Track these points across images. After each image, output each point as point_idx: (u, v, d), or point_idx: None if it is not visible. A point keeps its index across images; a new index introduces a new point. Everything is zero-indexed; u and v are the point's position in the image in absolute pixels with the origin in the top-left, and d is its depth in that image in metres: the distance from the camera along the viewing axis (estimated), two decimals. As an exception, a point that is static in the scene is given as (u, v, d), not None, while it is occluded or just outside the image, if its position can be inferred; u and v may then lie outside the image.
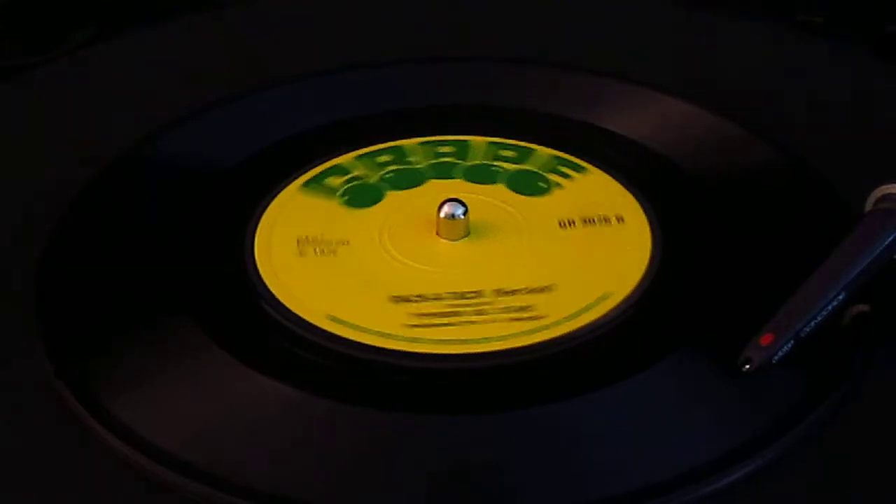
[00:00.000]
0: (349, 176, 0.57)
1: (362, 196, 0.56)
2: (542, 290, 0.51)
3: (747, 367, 0.47)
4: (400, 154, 0.58)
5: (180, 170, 0.58)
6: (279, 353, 0.49)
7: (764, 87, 0.63)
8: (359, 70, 0.63)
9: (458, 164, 0.58)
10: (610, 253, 0.53)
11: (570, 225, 0.54)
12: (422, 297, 0.51)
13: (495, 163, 0.58)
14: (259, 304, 0.51)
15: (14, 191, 0.57)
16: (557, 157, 0.58)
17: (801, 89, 0.63)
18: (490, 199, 0.55)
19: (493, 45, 0.66)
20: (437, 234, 0.53)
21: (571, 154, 0.58)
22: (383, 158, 0.58)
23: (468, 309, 0.50)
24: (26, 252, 0.53)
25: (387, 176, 0.57)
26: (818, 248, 0.50)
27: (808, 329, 0.48)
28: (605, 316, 0.50)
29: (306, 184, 0.57)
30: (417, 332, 0.49)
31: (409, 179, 0.57)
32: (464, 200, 0.53)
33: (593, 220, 0.54)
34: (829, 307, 0.48)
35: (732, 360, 0.47)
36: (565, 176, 0.57)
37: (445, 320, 0.50)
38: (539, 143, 0.59)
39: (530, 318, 0.50)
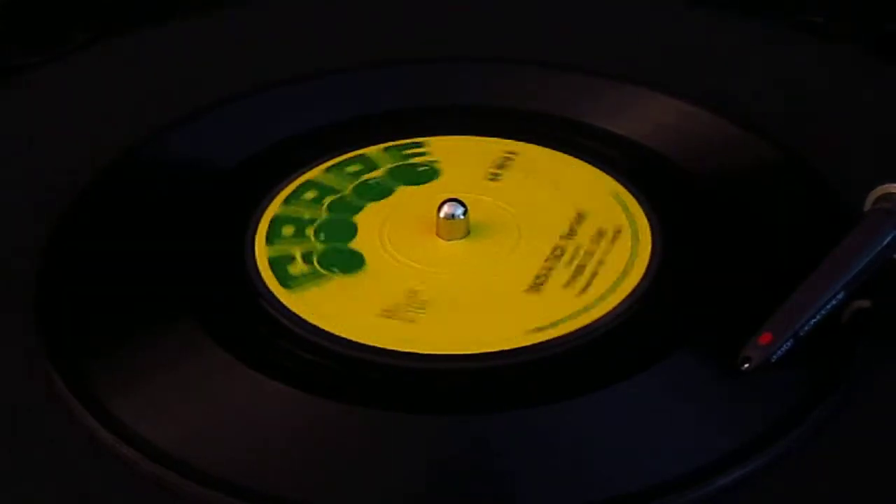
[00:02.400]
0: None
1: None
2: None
3: (746, 366, 0.47)
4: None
5: (180, 170, 0.58)
6: (279, 353, 0.49)
7: (764, 88, 0.63)
8: (359, 70, 0.63)
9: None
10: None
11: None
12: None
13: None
14: (259, 304, 0.51)
15: (14, 191, 0.57)
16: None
17: (802, 89, 0.63)
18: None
19: (492, 45, 0.66)
20: (437, 234, 0.53)
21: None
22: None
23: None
24: (26, 252, 0.53)
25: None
26: (817, 247, 0.50)
27: (807, 328, 0.48)
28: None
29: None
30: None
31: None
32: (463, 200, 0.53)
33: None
34: (828, 306, 0.48)
35: (732, 360, 0.47)
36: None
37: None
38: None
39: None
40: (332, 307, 0.50)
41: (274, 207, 0.56)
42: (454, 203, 0.53)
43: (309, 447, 0.46)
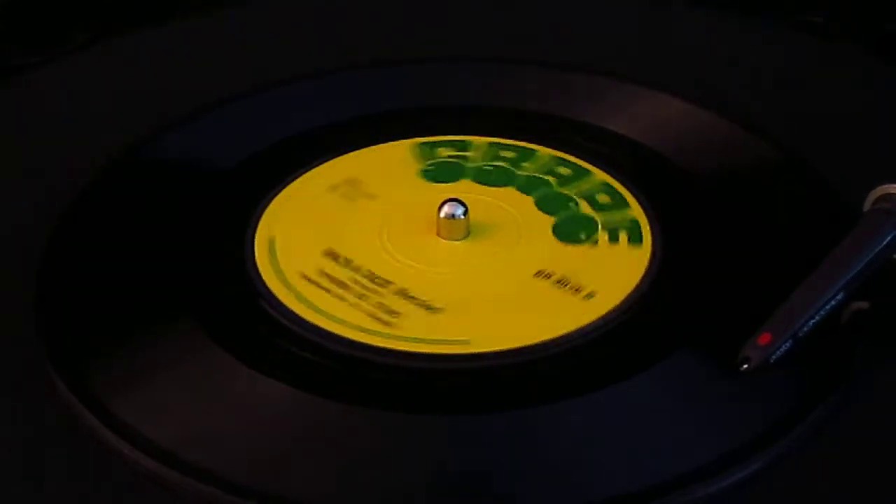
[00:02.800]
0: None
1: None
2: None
3: (745, 366, 0.47)
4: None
5: (180, 170, 0.58)
6: (280, 354, 0.49)
7: (764, 87, 0.63)
8: (359, 70, 0.63)
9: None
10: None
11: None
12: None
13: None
14: (260, 304, 0.51)
15: (14, 191, 0.57)
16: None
17: (801, 89, 0.63)
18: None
19: (492, 45, 0.66)
20: (437, 234, 0.53)
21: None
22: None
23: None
24: (26, 252, 0.53)
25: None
26: (817, 247, 0.50)
27: (806, 329, 0.48)
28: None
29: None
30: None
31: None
32: (464, 200, 0.53)
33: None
34: (828, 307, 0.48)
35: (732, 361, 0.47)
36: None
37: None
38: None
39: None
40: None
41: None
42: (454, 203, 0.53)
43: (309, 447, 0.46)
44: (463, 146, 0.59)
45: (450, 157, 0.58)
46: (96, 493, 0.45)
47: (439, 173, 0.57)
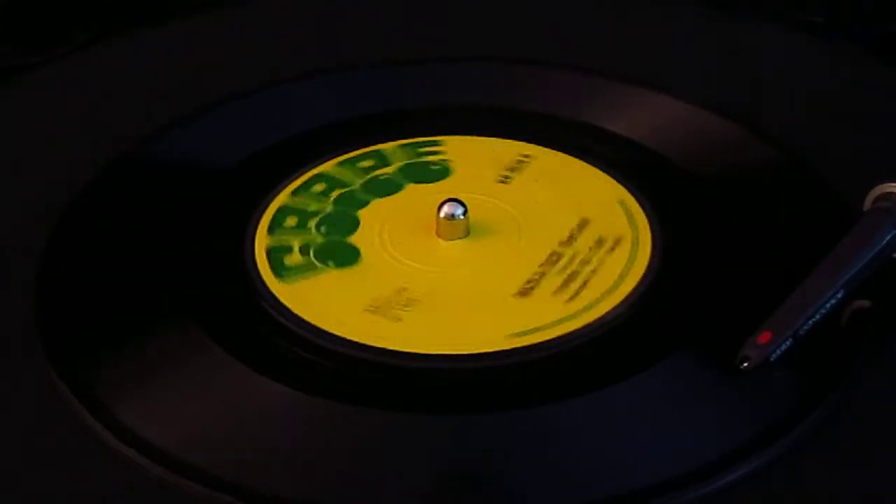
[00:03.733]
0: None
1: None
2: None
3: (745, 365, 0.47)
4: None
5: (180, 170, 0.58)
6: (279, 354, 0.49)
7: (764, 87, 0.63)
8: (359, 70, 0.63)
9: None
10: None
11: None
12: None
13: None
14: (259, 305, 0.51)
15: (14, 191, 0.57)
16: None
17: (801, 89, 0.63)
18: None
19: (492, 45, 0.66)
20: (437, 234, 0.53)
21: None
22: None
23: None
24: (26, 252, 0.53)
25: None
26: (817, 247, 0.50)
27: (806, 327, 0.48)
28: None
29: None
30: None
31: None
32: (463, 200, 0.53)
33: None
34: (828, 305, 0.48)
35: (732, 360, 0.47)
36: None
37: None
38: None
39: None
40: (318, 300, 0.51)
41: (282, 198, 0.56)
42: (454, 203, 0.53)
43: (308, 447, 0.46)
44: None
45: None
46: (96, 494, 0.45)
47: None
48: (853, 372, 0.48)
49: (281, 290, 0.51)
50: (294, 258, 0.53)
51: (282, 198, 0.56)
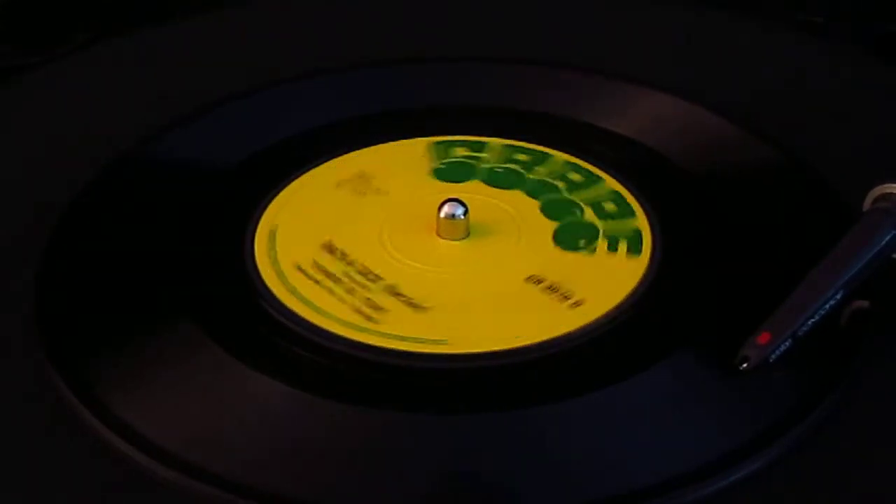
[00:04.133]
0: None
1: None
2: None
3: (744, 365, 0.47)
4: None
5: (180, 170, 0.58)
6: (280, 353, 0.49)
7: (764, 87, 0.63)
8: (359, 70, 0.63)
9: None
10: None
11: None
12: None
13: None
14: (259, 304, 0.51)
15: (14, 191, 0.57)
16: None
17: (801, 89, 0.63)
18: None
19: (492, 45, 0.66)
20: (437, 234, 0.53)
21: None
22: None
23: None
24: (26, 252, 0.53)
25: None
26: (817, 247, 0.50)
27: (805, 328, 0.48)
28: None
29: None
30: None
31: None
32: (468, 201, 0.53)
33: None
34: (827, 306, 0.48)
35: (732, 361, 0.47)
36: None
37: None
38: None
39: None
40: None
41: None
42: (454, 203, 0.53)
43: (309, 446, 0.46)
44: (478, 147, 0.59)
45: (464, 157, 0.58)
46: (96, 494, 0.45)
47: (450, 172, 0.57)
48: (853, 372, 0.48)
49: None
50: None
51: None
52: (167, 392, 0.48)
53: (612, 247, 0.53)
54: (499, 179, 0.57)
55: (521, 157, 0.58)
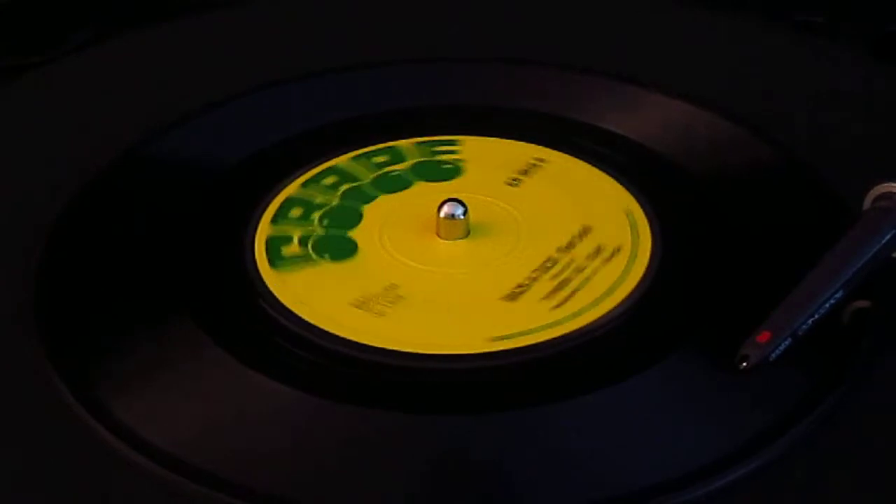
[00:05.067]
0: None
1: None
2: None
3: (744, 364, 0.47)
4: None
5: (180, 170, 0.58)
6: (279, 353, 0.49)
7: (764, 87, 0.63)
8: (358, 70, 0.63)
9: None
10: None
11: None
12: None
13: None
14: (259, 304, 0.51)
15: (14, 191, 0.57)
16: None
17: (801, 89, 0.63)
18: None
19: (492, 45, 0.66)
20: (437, 234, 0.53)
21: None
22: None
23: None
24: (27, 252, 0.53)
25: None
26: (817, 247, 0.50)
27: (805, 327, 0.48)
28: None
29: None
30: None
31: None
32: (463, 200, 0.53)
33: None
34: (827, 305, 0.48)
35: (732, 360, 0.47)
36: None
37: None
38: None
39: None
40: (308, 292, 0.51)
41: (291, 189, 0.56)
42: (454, 203, 0.53)
43: (309, 447, 0.46)
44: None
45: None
46: (96, 494, 0.45)
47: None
48: (853, 372, 0.48)
49: (274, 279, 0.51)
50: (292, 249, 0.53)
51: (291, 188, 0.56)
52: (167, 392, 0.48)
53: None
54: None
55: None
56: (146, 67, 0.65)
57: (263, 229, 0.54)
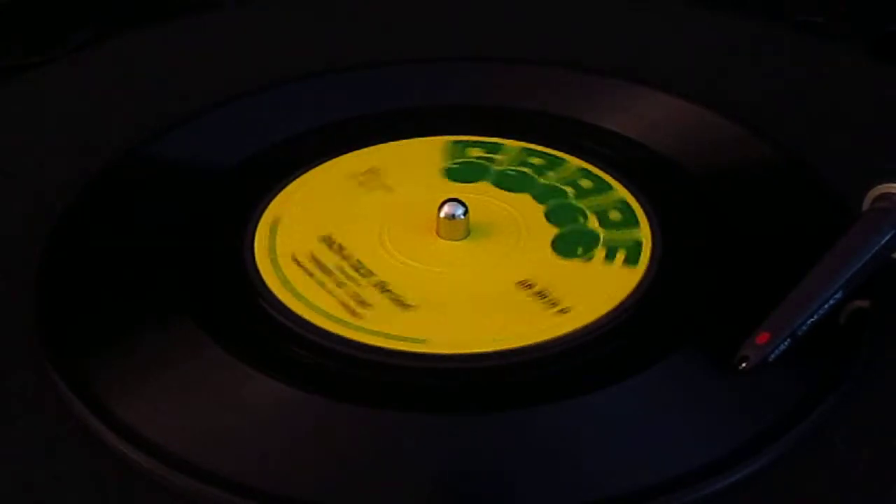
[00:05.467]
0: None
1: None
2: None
3: (744, 365, 0.47)
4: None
5: (180, 170, 0.58)
6: (279, 353, 0.49)
7: (764, 87, 0.63)
8: (358, 70, 0.63)
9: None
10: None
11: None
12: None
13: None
14: (259, 304, 0.51)
15: (14, 191, 0.57)
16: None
17: (802, 89, 0.63)
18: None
19: (492, 45, 0.66)
20: (437, 234, 0.53)
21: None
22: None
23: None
24: (26, 252, 0.53)
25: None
26: (817, 247, 0.50)
27: (804, 327, 0.48)
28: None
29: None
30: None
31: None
32: (472, 202, 0.53)
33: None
34: (826, 306, 0.48)
35: (732, 361, 0.47)
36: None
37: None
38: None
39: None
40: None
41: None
42: (454, 203, 0.53)
43: (309, 446, 0.46)
44: (494, 148, 0.58)
45: (477, 157, 0.58)
46: (96, 494, 0.45)
47: (461, 172, 0.57)
48: (852, 372, 0.48)
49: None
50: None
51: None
52: (167, 392, 0.48)
53: (610, 256, 0.53)
54: (509, 182, 0.56)
55: (535, 160, 0.58)
56: (146, 67, 0.65)
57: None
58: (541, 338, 0.49)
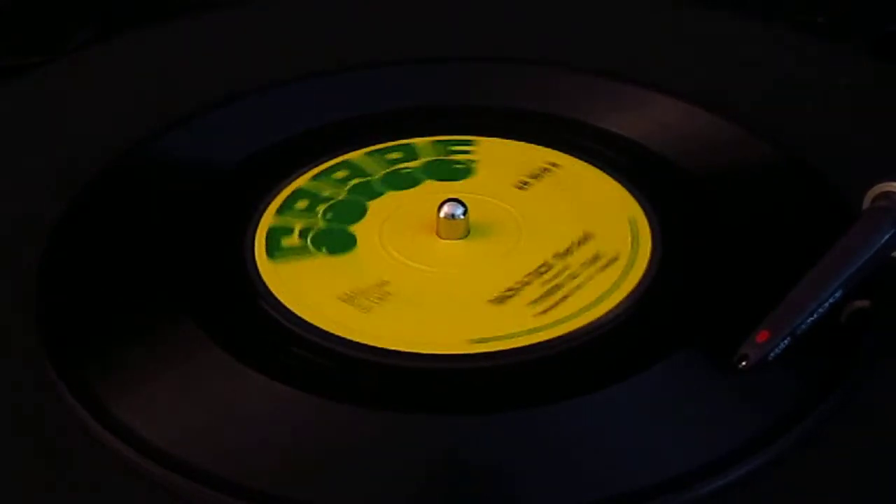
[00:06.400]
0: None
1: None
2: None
3: (743, 364, 0.47)
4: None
5: (180, 170, 0.58)
6: (279, 353, 0.49)
7: (764, 87, 0.63)
8: (358, 70, 0.63)
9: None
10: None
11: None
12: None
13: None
14: (259, 304, 0.51)
15: (14, 190, 0.57)
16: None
17: (801, 89, 0.63)
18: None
19: (492, 45, 0.66)
20: (437, 234, 0.53)
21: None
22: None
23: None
24: (27, 252, 0.53)
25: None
26: (817, 246, 0.50)
27: (804, 326, 0.48)
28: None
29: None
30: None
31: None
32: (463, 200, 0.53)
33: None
34: (826, 304, 0.48)
35: (731, 360, 0.47)
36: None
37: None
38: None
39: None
40: (299, 284, 0.51)
41: (301, 181, 0.56)
42: (454, 203, 0.53)
43: (308, 446, 0.46)
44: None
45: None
46: (96, 494, 0.45)
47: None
48: (852, 372, 0.48)
49: (269, 270, 0.52)
50: (291, 240, 0.53)
51: (301, 180, 0.56)
52: (167, 392, 0.48)
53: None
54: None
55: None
56: (146, 67, 0.65)
57: (267, 219, 0.54)
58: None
